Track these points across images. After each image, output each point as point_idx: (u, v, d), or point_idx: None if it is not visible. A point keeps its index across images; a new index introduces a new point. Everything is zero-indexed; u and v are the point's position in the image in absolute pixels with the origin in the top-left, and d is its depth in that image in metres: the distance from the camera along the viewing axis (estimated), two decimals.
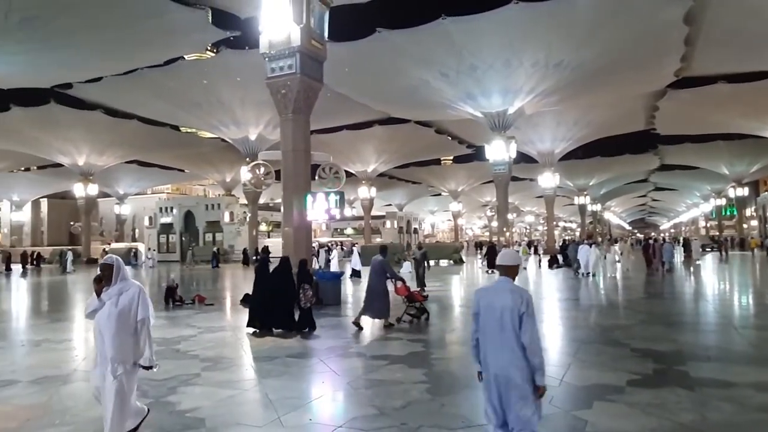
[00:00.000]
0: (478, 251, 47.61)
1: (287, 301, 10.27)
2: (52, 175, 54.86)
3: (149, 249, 43.18)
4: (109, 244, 54.48)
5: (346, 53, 24.40)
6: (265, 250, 15.33)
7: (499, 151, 32.90)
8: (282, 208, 14.59)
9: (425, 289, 15.76)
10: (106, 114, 36.95)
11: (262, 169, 15.66)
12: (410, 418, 5.10)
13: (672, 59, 26.42)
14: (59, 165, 46.58)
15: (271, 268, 11.04)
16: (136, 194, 61.59)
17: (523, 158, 44.39)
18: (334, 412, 5.69)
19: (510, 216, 44.77)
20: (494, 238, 49.20)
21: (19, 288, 23.73)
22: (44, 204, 67.57)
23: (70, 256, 33.43)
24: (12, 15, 19.79)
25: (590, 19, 22.95)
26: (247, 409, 5.69)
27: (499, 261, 3.75)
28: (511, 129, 32.86)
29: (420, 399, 5.76)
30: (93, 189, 45.90)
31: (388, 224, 67.01)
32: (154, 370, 4.54)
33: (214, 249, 38.80)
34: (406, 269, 23.23)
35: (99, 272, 4.40)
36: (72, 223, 63.72)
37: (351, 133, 43.24)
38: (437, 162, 64.00)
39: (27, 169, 57.07)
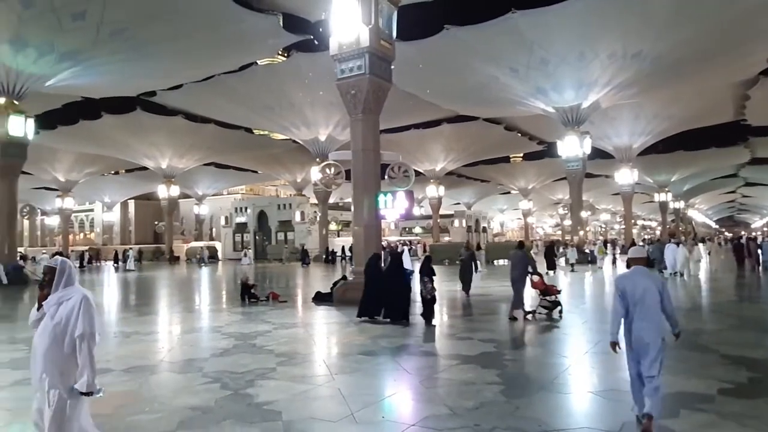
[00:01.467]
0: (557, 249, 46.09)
1: (401, 294, 10.99)
2: (138, 178, 58.56)
3: (245, 248, 44.71)
4: (188, 242, 57.41)
5: (414, 52, 24.41)
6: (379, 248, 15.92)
7: (572, 147, 31.79)
8: (352, 208, 14.79)
9: (469, 294, 15.16)
10: (186, 119, 38.98)
11: (333, 169, 15.94)
12: (483, 420, 5.02)
13: (764, 44, 24.49)
14: (145, 168, 49.72)
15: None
16: (213, 195, 64.45)
17: (598, 154, 42.63)
18: (406, 410, 5.69)
19: (584, 214, 43.17)
20: (567, 237, 47.60)
21: (109, 283, 25.45)
22: (131, 205, 72.11)
23: (131, 255, 35.52)
24: (103, 28, 21.26)
25: (671, 4, 21.68)
26: (321, 404, 5.80)
27: (631, 255, 5.17)
28: (585, 124, 31.66)
29: (493, 400, 5.66)
30: (175, 190, 48.66)
31: (456, 223, 66.44)
32: (98, 396, 3.72)
33: (304, 247, 39.79)
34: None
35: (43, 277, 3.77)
36: (156, 222, 67.66)
37: (419, 132, 43.21)
38: (506, 159, 62.62)
39: (116, 173, 61.15)
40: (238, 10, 22.22)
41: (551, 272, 22.79)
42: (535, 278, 11.36)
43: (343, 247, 38.90)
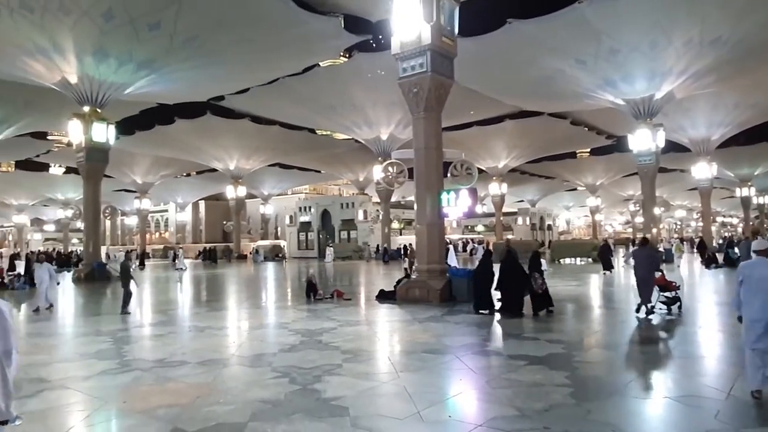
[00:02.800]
0: (623, 248, 44.27)
1: (516, 288, 11.50)
2: (208, 179, 61.16)
3: (329, 245, 45.26)
4: (254, 241, 59.29)
5: (476, 48, 24.07)
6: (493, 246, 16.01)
7: (644, 140, 30.33)
8: (415, 206, 14.79)
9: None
10: (252, 122, 40.30)
11: (395, 168, 16.00)
12: (553, 422, 4.89)
13: None
14: (214, 170, 51.85)
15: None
16: (278, 195, 66.27)
17: (673, 147, 40.47)
18: (473, 410, 5.63)
19: (657, 211, 41.10)
20: (639, 235, 45.50)
21: (182, 279, 26.67)
22: (202, 205, 75.35)
23: (180, 254, 36.86)
24: (176, 37, 22.31)
25: None
26: (387, 401, 5.83)
27: (755, 248, 5.71)
28: (658, 116, 30.10)
29: (563, 403, 5.50)
30: (242, 191, 50.44)
31: (519, 221, 65.09)
32: (14, 424, 2.97)
33: (384, 245, 40.15)
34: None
35: None
36: (225, 222, 70.40)
37: (481, 128, 42.62)
38: (572, 155, 60.54)
39: (188, 175, 64.07)
40: (301, 13, 22.70)
41: (607, 272, 21.79)
42: (657, 275, 11.39)
43: (404, 246, 39.01)
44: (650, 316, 10.82)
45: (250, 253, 46.66)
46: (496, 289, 11.92)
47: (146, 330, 10.99)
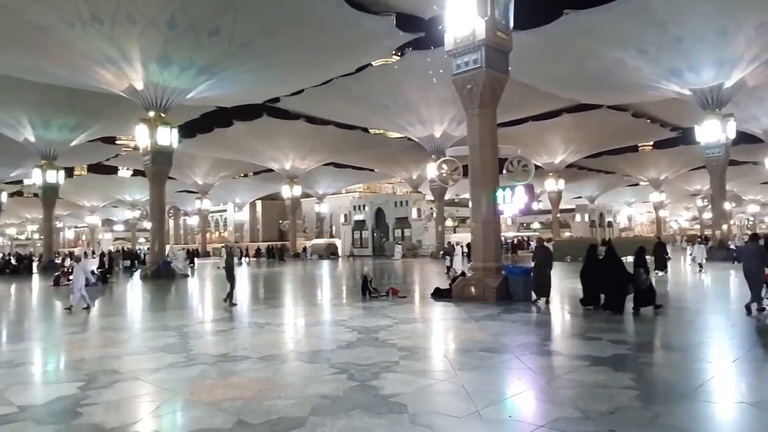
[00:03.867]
0: (689, 245, 42.06)
1: (620, 285, 11.30)
2: (265, 180, 62.82)
3: (397, 242, 45.16)
4: (309, 239, 60.34)
5: (531, 41, 23.56)
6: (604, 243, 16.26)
7: (712, 131, 28.81)
8: (470, 204, 14.64)
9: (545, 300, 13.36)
10: (307, 122, 41.05)
11: (450, 166, 15.88)
12: (619, 425, 4.73)
13: None
14: (270, 170, 53.24)
15: None
16: (332, 194, 67.21)
17: (744, 138, 38.25)
18: (533, 410, 5.51)
19: (727, 206, 38.92)
20: (707, 231, 43.30)
21: (240, 277, 27.46)
22: (259, 205, 77.44)
23: (223, 253, 37.53)
24: (234, 41, 23.01)
25: None
26: (445, 399, 5.80)
27: None
28: (728, 105, 28.52)
29: (629, 405, 5.30)
30: (297, 190, 51.50)
31: (578, 217, 63.22)
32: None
33: (449, 242, 39.96)
34: None
35: None
36: (281, 221, 72.10)
37: (536, 124, 41.68)
38: (634, 149, 58.20)
39: (245, 175, 66.05)
40: (354, 14, 22.90)
41: (660, 273, 20.08)
42: None
43: (454, 244, 38.32)
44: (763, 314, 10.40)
45: (312, 256, 47.36)
46: (595, 286, 11.76)
47: (209, 326, 11.38)
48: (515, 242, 45.47)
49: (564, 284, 18.85)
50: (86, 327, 12.06)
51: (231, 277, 14.73)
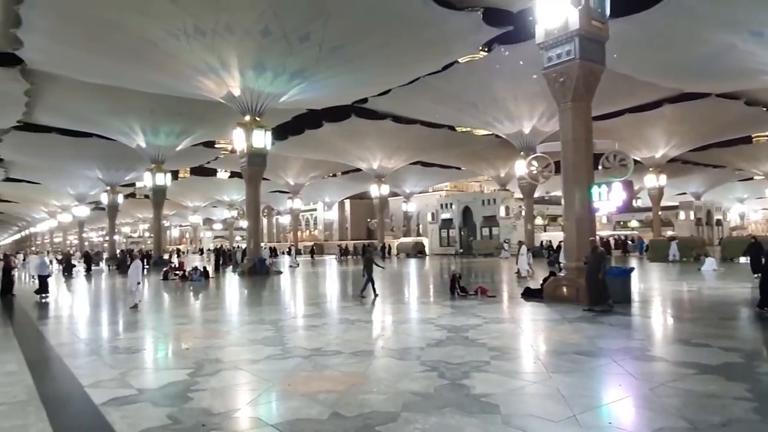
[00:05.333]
0: None
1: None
2: (353, 179, 64.17)
3: (505, 241, 43.40)
4: (397, 238, 60.86)
5: (629, 28, 22.24)
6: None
7: None
8: (562, 201, 14.12)
9: (598, 307, 11.74)
10: (394, 121, 41.39)
11: (540, 162, 15.40)
12: None
13: None
14: (358, 170, 54.30)
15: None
16: (419, 192, 67.35)
17: None
18: (635, 418, 5.23)
19: None
20: None
21: (329, 274, 28.29)
22: (347, 204, 79.22)
23: (293, 251, 38.00)
24: (324, 46, 23.69)
25: None
26: (539, 401, 5.65)
27: None
28: None
29: (745, 418, 4.89)
30: (385, 189, 52.15)
31: (681, 215, 59.00)
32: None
33: (549, 242, 39.20)
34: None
35: None
36: (369, 219, 73.34)
37: (634, 116, 39.28)
38: (747, 140, 53.16)
39: (334, 175, 67.82)
40: (440, 12, 22.77)
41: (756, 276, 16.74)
42: None
43: (547, 243, 37.36)
44: None
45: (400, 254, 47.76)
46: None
47: (303, 321, 11.83)
48: (609, 241, 43.19)
49: (665, 286, 17.73)
50: (192, 319, 12.97)
51: (369, 271, 15.80)
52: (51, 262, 26.89)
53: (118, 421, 5.10)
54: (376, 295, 15.21)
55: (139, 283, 14.82)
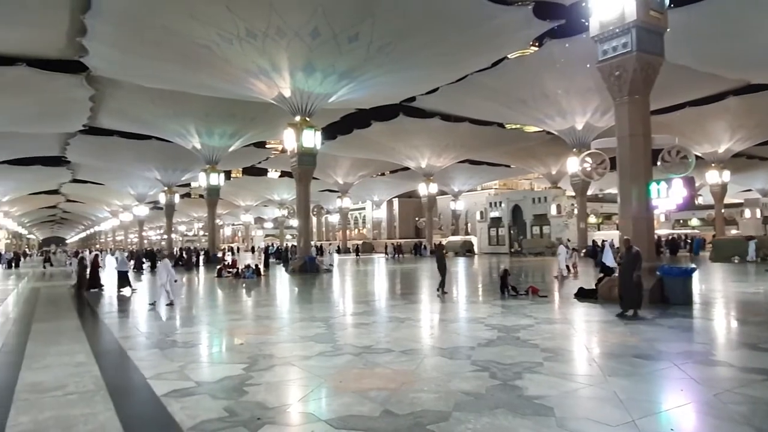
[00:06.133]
0: None
1: None
2: (401, 178, 64.28)
3: (568, 240, 43.39)
4: (445, 236, 60.51)
5: (689, 18, 21.30)
6: None
7: None
8: (618, 199, 13.67)
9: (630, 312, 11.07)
10: (442, 120, 41.17)
11: (594, 159, 14.96)
12: None
13: None
14: (407, 168, 54.35)
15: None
16: (468, 191, 66.73)
17: None
18: (699, 425, 5.01)
19: None
20: None
21: (378, 273, 28.40)
22: (396, 203, 79.41)
23: (332, 250, 37.95)
24: (372, 45, 23.82)
25: None
26: (596, 405, 5.49)
27: None
28: None
29: None
30: (433, 188, 51.94)
31: (747, 213, 56.04)
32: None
33: (603, 241, 37.96)
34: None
35: None
36: (417, 218, 73.25)
37: (695, 109, 37.57)
38: None
39: (382, 174, 68.12)
40: (490, 7, 22.48)
41: None
42: None
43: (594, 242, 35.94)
44: None
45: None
46: None
47: (352, 318, 11.94)
48: (667, 239, 41.48)
49: (729, 287, 16.91)
50: (245, 315, 13.32)
51: (443, 268, 16.21)
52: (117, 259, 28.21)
53: (178, 412, 5.30)
54: (444, 293, 15.70)
55: (176, 281, 15.03)
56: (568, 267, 21.61)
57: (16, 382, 6.57)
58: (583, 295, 13.86)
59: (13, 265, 42.09)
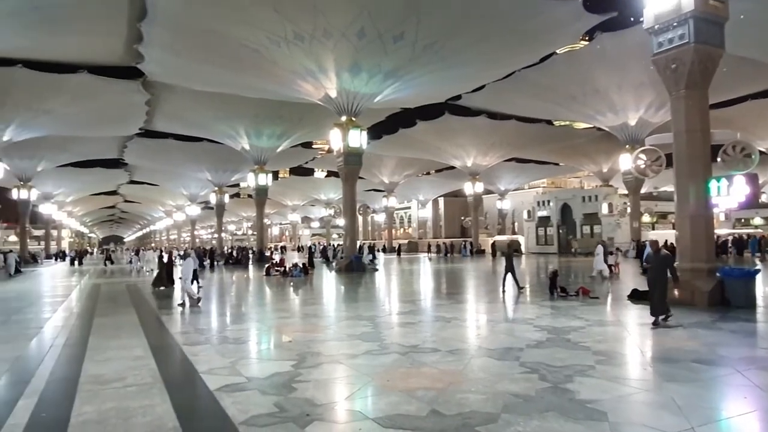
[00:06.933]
0: None
1: None
2: (446, 177, 63.88)
3: (601, 242, 42.03)
4: (492, 236, 59.72)
5: (753, 6, 20.20)
6: None
7: None
8: (675, 197, 13.13)
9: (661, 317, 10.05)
10: (488, 118, 40.65)
11: (649, 156, 14.42)
12: None
13: None
14: (452, 167, 53.96)
15: None
16: (514, 190, 65.66)
17: None
18: None
19: None
20: None
21: (423, 272, 28.29)
22: (441, 202, 78.93)
23: (366, 251, 37.67)
24: (417, 45, 23.76)
25: None
26: (652, 411, 5.30)
27: None
28: None
29: None
30: (479, 187, 51.39)
31: None
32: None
33: (601, 241, 37.09)
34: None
35: None
36: (462, 217, 72.56)
37: (758, 102, 35.73)
38: None
39: (428, 173, 67.87)
40: (538, 2, 22.05)
41: None
42: None
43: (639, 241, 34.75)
44: None
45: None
46: None
47: (398, 318, 11.95)
48: (734, 239, 39.55)
49: None
50: (293, 313, 13.54)
51: (510, 267, 16.77)
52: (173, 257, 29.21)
53: (230, 407, 5.44)
54: (522, 288, 16.33)
55: (196, 281, 15.11)
56: (611, 267, 21.03)
57: (80, 374, 6.91)
58: (637, 296, 13.38)
59: (77, 262, 44.32)
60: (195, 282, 19.05)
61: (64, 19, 20.79)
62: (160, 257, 22.12)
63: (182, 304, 13.73)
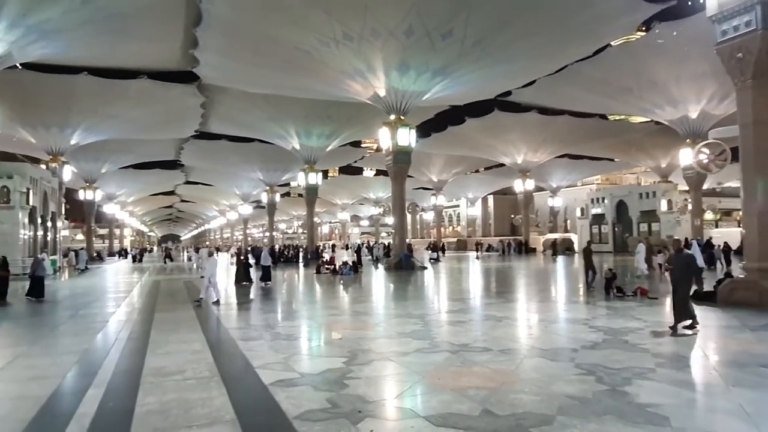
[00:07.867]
0: None
1: None
2: (496, 174, 62.94)
3: (640, 240, 40.68)
4: (543, 234, 58.44)
5: None
6: None
7: None
8: (741, 193, 12.47)
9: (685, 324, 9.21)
10: (539, 113, 39.74)
11: (712, 149, 13.75)
12: None
13: None
14: (502, 165, 53.10)
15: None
16: (567, 187, 64.03)
17: None
18: None
19: None
20: None
21: (472, 271, 28.00)
22: (490, 200, 77.93)
23: (379, 250, 37.13)
24: (466, 41, 23.51)
25: None
26: (717, 417, 5.07)
27: None
28: None
29: None
30: (530, 184, 50.33)
31: None
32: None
33: (644, 238, 35.76)
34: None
35: None
36: (512, 215, 71.39)
37: None
38: None
39: (477, 171, 67.08)
40: None
41: None
42: None
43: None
44: None
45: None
46: None
47: (448, 316, 11.88)
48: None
49: None
50: (344, 311, 13.69)
51: (590, 264, 17.10)
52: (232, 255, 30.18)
53: (284, 401, 5.56)
54: (592, 287, 16.25)
55: (266, 280, 15.31)
56: (660, 266, 20.25)
57: (142, 366, 7.23)
58: (699, 297, 12.77)
59: (138, 259, 46.42)
60: (266, 280, 19.93)
61: (126, 26, 21.75)
62: (238, 256, 23.55)
63: (216, 302, 13.75)
